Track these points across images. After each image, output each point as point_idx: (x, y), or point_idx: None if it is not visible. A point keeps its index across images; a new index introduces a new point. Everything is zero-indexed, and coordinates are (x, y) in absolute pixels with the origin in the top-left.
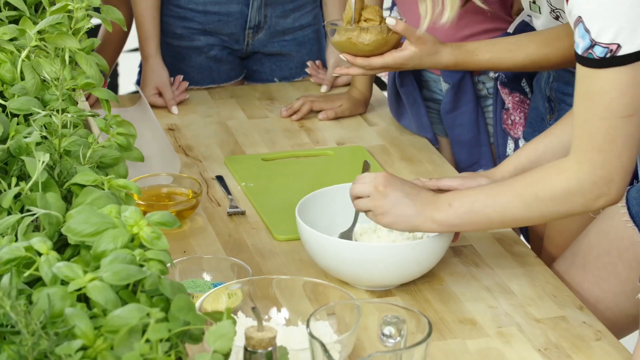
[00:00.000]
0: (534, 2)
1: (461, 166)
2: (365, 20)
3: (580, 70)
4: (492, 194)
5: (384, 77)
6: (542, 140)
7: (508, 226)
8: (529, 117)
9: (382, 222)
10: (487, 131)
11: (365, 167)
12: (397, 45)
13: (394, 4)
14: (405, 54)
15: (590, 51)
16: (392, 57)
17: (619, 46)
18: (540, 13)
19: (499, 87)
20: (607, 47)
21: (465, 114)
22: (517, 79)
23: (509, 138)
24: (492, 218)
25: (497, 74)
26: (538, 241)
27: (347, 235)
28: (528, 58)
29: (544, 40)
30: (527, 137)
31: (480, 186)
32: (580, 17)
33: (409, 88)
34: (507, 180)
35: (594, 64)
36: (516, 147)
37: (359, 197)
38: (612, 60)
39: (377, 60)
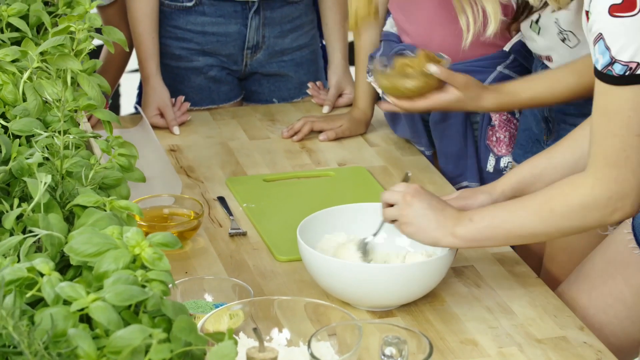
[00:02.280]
0: (535, 23)
1: (447, 177)
2: (408, 64)
3: (599, 86)
4: (511, 209)
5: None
6: (545, 156)
7: (527, 241)
8: (519, 139)
9: (405, 231)
10: (475, 145)
11: (405, 179)
12: (440, 86)
13: (389, 13)
14: (450, 98)
15: (609, 68)
16: (436, 100)
17: (638, 64)
18: (538, 34)
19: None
20: (627, 65)
21: (453, 126)
22: None
23: (491, 154)
24: (511, 233)
25: None
26: (535, 259)
27: (363, 245)
28: (568, 90)
29: (581, 71)
30: (518, 159)
31: (502, 203)
32: (601, 34)
33: None
34: (525, 196)
35: (613, 80)
36: (497, 164)
37: (389, 206)
38: (631, 78)
39: (421, 103)
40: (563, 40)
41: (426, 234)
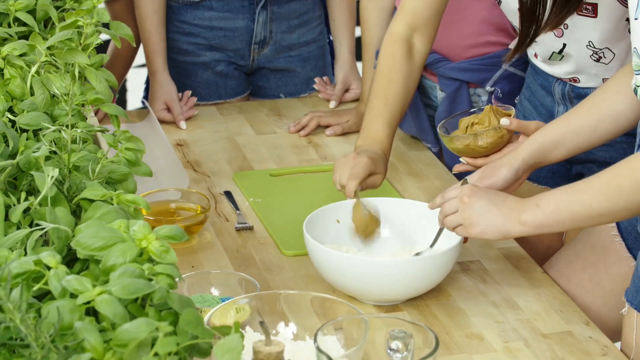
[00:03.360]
0: (558, 53)
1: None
2: (477, 123)
3: None
4: (577, 191)
5: None
6: (564, 122)
7: (595, 223)
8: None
9: (472, 233)
10: None
11: (463, 184)
12: (513, 139)
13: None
14: None
15: None
16: (510, 149)
17: None
18: (559, 60)
19: (492, 101)
20: None
21: None
22: (512, 95)
23: None
24: (579, 214)
25: (493, 88)
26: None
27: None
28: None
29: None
30: None
31: (566, 185)
32: None
33: None
34: (591, 176)
35: None
36: None
37: (447, 215)
38: None
39: (496, 157)
40: (598, 60)
41: (495, 229)
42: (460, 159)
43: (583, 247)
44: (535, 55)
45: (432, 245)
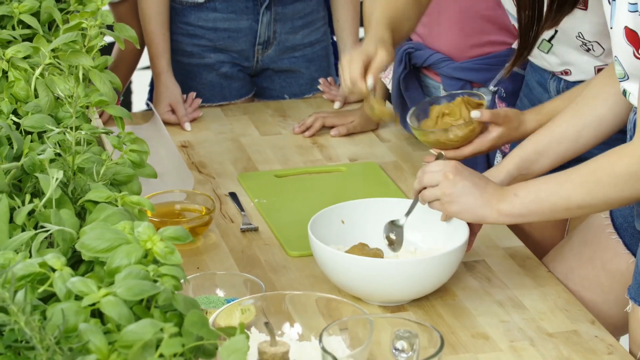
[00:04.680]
0: (548, 41)
1: None
2: (447, 114)
3: None
4: (557, 182)
5: (389, 83)
6: (547, 131)
7: (573, 214)
8: None
9: (448, 210)
10: None
11: (439, 157)
12: (484, 129)
13: None
14: (494, 136)
15: None
16: (481, 143)
17: None
18: (547, 53)
19: (496, 100)
20: None
21: None
22: (515, 94)
23: (498, 151)
24: (557, 206)
25: (497, 88)
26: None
27: (397, 226)
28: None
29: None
30: None
31: (546, 176)
32: None
33: (413, 92)
34: (571, 168)
35: None
36: None
37: (426, 187)
38: None
39: (467, 149)
40: (588, 50)
41: (472, 212)
42: (431, 150)
43: (580, 244)
44: None
45: (407, 215)
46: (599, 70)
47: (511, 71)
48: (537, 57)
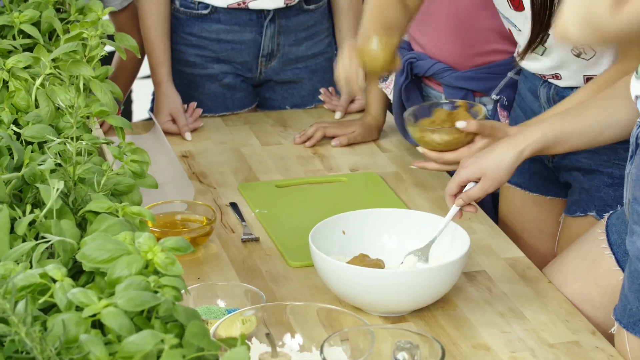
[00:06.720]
0: (542, 44)
1: None
2: (445, 120)
3: None
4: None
5: (390, 93)
6: (574, 120)
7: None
8: None
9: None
10: None
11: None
12: (471, 140)
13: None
14: (479, 146)
15: None
16: (466, 151)
17: None
18: (542, 55)
19: (498, 109)
20: None
21: None
22: None
23: None
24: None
25: (498, 96)
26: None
27: (424, 251)
28: None
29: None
30: None
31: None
32: None
33: (415, 102)
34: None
35: None
36: None
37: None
38: None
39: (450, 155)
40: (578, 54)
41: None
42: (417, 148)
43: (575, 257)
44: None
45: (431, 243)
46: (587, 79)
47: (524, 56)
48: (531, 60)
